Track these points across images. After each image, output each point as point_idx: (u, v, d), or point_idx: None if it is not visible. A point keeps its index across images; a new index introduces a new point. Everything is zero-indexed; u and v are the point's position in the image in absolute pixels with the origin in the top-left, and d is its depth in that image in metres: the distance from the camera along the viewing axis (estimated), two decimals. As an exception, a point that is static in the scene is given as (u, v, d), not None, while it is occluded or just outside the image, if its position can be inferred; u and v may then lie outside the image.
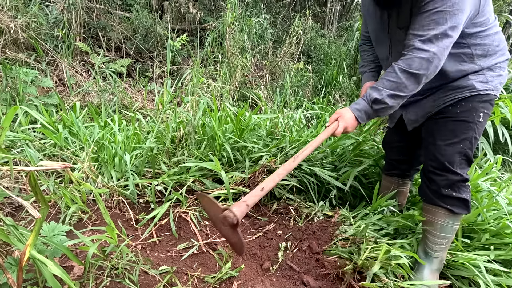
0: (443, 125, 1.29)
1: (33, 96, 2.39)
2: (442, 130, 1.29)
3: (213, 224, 1.50)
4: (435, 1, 1.05)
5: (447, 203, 1.30)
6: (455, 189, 1.29)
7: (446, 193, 1.29)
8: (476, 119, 1.24)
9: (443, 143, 1.27)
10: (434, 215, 1.35)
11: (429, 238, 1.38)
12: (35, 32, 2.97)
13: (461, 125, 1.25)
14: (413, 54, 1.10)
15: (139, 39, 3.83)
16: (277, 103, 3.09)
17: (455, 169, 1.27)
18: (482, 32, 1.19)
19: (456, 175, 1.27)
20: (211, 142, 1.91)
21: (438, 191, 1.31)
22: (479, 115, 1.24)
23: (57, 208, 1.49)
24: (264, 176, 1.75)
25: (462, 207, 1.30)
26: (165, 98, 2.12)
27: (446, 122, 1.28)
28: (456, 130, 1.26)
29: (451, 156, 1.26)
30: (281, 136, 2.08)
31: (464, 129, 1.25)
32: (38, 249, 0.95)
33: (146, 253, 1.34)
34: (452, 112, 1.26)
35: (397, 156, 1.63)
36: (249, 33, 3.69)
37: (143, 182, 1.63)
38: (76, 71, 3.12)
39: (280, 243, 1.51)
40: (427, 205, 1.38)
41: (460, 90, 1.24)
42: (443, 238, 1.36)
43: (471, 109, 1.24)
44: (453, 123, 1.26)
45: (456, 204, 1.30)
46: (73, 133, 1.92)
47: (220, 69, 3.23)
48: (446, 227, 1.34)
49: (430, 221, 1.37)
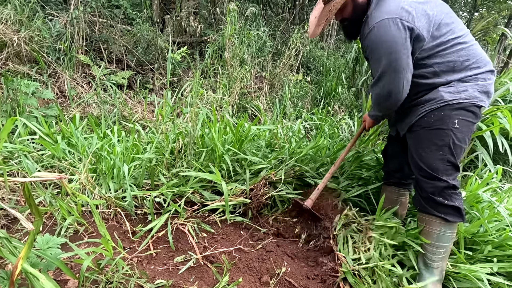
0: (421, 135, 1.38)
1: (33, 107, 2.40)
2: (420, 139, 1.38)
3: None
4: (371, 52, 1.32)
5: (440, 211, 1.34)
6: (446, 196, 1.33)
7: (438, 201, 1.33)
8: (451, 126, 1.30)
9: (423, 152, 1.36)
10: (429, 224, 1.39)
11: (427, 248, 1.40)
12: (38, 45, 3.02)
13: (436, 133, 1.33)
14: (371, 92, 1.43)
15: (140, 51, 3.88)
16: (276, 114, 3.10)
17: (441, 176, 1.32)
18: (442, 51, 1.29)
19: (442, 182, 1.32)
20: (210, 153, 1.90)
21: (430, 198, 1.35)
22: (453, 122, 1.30)
23: (53, 220, 1.47)
24: (266, 189, 1.74)
25: (456, 215, 1.34)
26: (164, 109, 2.12)
27: (423, 131, 1.37)
28: (433, 138, 1.34)
29: (433, 163, 1.33)
30: (280, 147, 2.08)
31: (440, 136, 1.32)
32: (31, 262, 0.93)
33: (143, 266, 1.32)
34: (427, 122, 1.35)
35: (392, 164, 1.68)
36: (249, 46, 3.75)
37: (141, 194, 1.62)
38: (77, 83, 3.15)
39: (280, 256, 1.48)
40: (422, 214, 1.43)
41: (431, 102, 1.34)
42: (441, 248, 1.38)
43: (444, 117, 1.31)
44: (429, 131, 1.35)
45: (449, 212, 1.34)
46: (72, 144, 1.92)
47: (220, 80, 3.26)
48: (443, 236, 1.37)
49: (427, 231, 1.40)
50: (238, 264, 1.43)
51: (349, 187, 1.90)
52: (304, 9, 6.02)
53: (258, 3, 4.96)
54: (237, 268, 1.41)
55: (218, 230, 1.61)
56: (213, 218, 1.65)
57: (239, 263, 1.44)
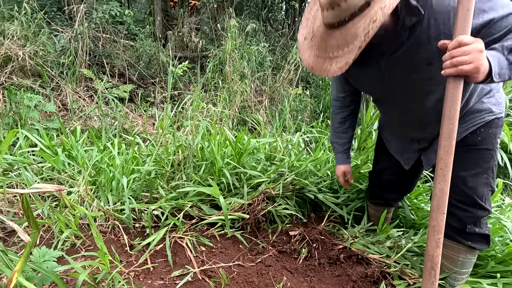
0: (465, 155, 1.16)
1: (35, 120, 2.43)
2: (465, 160, 1.17)
3: None
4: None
5: (469, 239, 1.21)
6: (478, 224, 1.20)
7: (469, 231, 1.20)
8: (495, 146, 1.15)
9: (467, 174, 1.16)
10: (453, 251, 1.27)
11: (449, 274, 1.31)
12: (42, 60, 3.09)
13: (483, 153, 1.15)
14: None
15: (142, 66, 3.96)
16: (276, 127, 3.12)
17: (485, 203, 1.17)
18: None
19: (484, 211, 1.18)
20: (209, 166, 1.90)
21: (461, 228, 1.21)
22: (497, 141, 1.16)
23: (51, 233, 1.46)
24: (264, 205, 1.73)
25: (484, 243, 1.23)
26: (165, 122, 2.14)
27: (468, 151, 1.16)
28: (479, 159, 1.15)
29: (479, 188, 1.16)
30: (279, 161, 2.08)
31: (487, 157, 1.15)
32: (26, 276, 0.91)
33: (139, 281, 1.29)
34: (472, 140, 1.16)
35: (388, 187, 1.57)
36: (249, 60, 3.82)
37: (140, 206, 1.61)
38: (80, 96, 3.19)
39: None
40: (447, 241, 1.26)
41: (479, 115, 1.14)
42: (464, 274, 1.30)
43: (491, 135, 1.14)
44: (476, 151, 1.16)
45: (478, 240, 1.22)
46: (72, 157, 1.93)
47: (220, 94, 3.30)
48: (467, 263, 1.27)
49: (451, 257, 1.29)
50: (236, 278, 1.40)
51: (349, 200, 1.89)
52: (303, 25, 6.16)
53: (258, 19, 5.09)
54: (236, 283, 1.38)
55: (216, 244, 1.59)
56: (212, 232, 1.64)
57: (238, 277, 1.41)
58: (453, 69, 0.82)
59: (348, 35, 0.89)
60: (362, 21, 0.86)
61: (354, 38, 0.87)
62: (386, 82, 1.13)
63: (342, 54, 0.92)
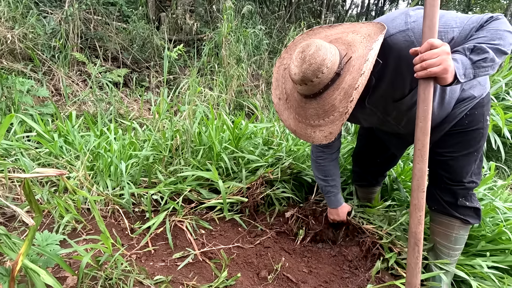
0: (455, 137, 1.23)
1: (28, 105, 2.38)
2: (455, 142, 1.24)
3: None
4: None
5: (461, 213, 1.29)
6: (468, 198, 1.28)
7: (460, 204, 1.28)
8: (485, 124, 1.21)
9: (459, 154, 1.23)
10: (447, 227, 1.33)
11: (443, 251, 1.37)
12: (32, 43, 2.99)
13: (473, 134, 1.21)
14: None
15: (136, 49, 3.86)
16: (273, 112, 3.11)
17: (473, 178, 1.26)
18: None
19: (472, 183, 1.26)
20: (207, 151, 1.91)
21: (453, 202, 1.29)
22: (486, 118, 1.21)
23: (51, 218, 1.47)
24: (263, 188, 1.75)
25: (475, 217, 1.30)
26: (161, 107, 2.12)
27: (458, 133, 1.22)
28: (470, 140, 1.22)
29: (469, 166, 1.24)
30: (277, 145, 2.09)
31: (477, 137, 1.22)
32: (31, 259, 0.93)
33: (141, 263, 1.32)
34: (461, 125, 1.21)
35: (371, 167, 1.60)
36: (245, 44, 3.75)
37: (139, 191, 1.62)
38: (73, 81, 3.13)
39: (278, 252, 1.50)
40: (440, 216, 1.35)
41: (463, 103, 1.18)
42: (457, 250, 1.35)
43: (478, 116, 1.19)
44: (466, 133, 1.21)
45: (469, 214, 1.29)
46: (68, 142, 1.91)
47: (217, 78, 3.26)
48: (460, 239, 1.33)
49: (444, 233, 1.35)
50: (236, 260, 1.44)
51: (345, 184, 1.92)
52: (300, 7, 6.02)
53: (254, 1, 4.96)
54: (236, 263, 1.42)
55: (216, 227, 1.62)
56: (211, 216, 1.66)
57: (237, 259, 1.45)
58: (424, 72, 0.87)
59: (325, 105, 0.95)
60: (337, 93, 0.93)
61: (333, 109, 0.94)
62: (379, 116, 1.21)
63: (324, 124, 0.97)
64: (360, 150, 1.63)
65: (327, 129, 0.95)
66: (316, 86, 0.93)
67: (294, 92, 1.04)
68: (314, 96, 0.96)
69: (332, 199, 1.51)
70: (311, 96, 0.97)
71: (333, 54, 0.91)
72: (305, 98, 1.00)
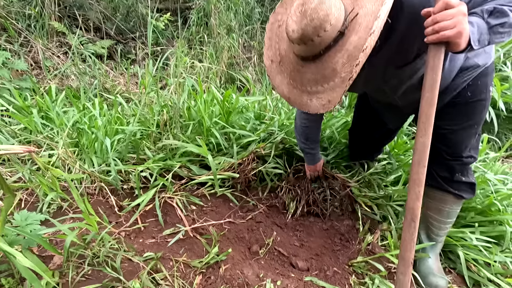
0: (456, 109, 1.16)
1: (5, 79, 2.24)
2: (456, 114, 1.16)
3: None
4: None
5: (456, 188, 1.26)
6: (465, 173, 1.24)
7: (456, 179, 1.24)
8: (488, 95, 1.14)
9: (459, 127, 1.17)
10: (440, 201, 1.31)
11: (434, 224, 1.36)
12: (5, 10, 2.76)
13: (475, 106, 1.14)
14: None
15: (120, 18, 3.62)
16: (265, 85, 3.02)
17: (472, 153, 1.21)
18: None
19: (471, 158, 1.21)
20: (197, 126, 1.84)
21: (449, 177, 1.25)
22: (489, 89, 1.14)
23: (35, 197, 1.42)
24: (254, 164, 1.71)
25: (469, 192, 1.27)
26: (147, 80, 2.01)
27: (459, 105, 1.15)
28: (471, 112, 1.15)
29: (468, 139, 1.18)
30: (269, 119, 2.03)
31: (478, 109, 1.15)
32: (9, 240, 0.89)
33: (130, 240, 1.30)
34: (463, 95, 1.13)
35: (370, 142, 1.58)
36: (236, 12, 3.55)
37: (126, 168, 1.57)
38: (53, 53, 2.94)
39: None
40: (434, 191, 1.31)
41: (467, 72, 1.10)
42: (449, 223, 1.35)
43: (481, 86, 1.11)
44: (467, 105, 1.14)
45: (464, 189, 1.26)
46: (49, 118, 1.82)
47: (206, 49, 3.11)
48: (453, 213, 1.32)
49: (436, 207, 1.33)
50: (227, 235, 1.43)
51: (338, 158, 1.90)
52: (294, -27, 5.68)
53: (245, -35, 4.63)
54: (227, 239, 1.41)
55: (207, 203, 1.60)
56: (202, 192, 1.63)
57: (229, 234, 1.44)
58: (435, 36, 0.77)
59: (325, 70, 0.83)
60: (339, 55, 0.80)
61: (334, 74, 0.81)
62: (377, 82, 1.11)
63: (323, 90, 0.85)
64: (357, 124, 1.60)
65: (326, 96, 0.84)
66: (316, 47, 0.80)
67: (289, 53, 0.90)
68: (313, 58, 0.84)
69: (310, 158, 1.58)
70: (309, 59, 0.85)
71: (338, 9, 0.77)
72: (302, 61, 0.87)
